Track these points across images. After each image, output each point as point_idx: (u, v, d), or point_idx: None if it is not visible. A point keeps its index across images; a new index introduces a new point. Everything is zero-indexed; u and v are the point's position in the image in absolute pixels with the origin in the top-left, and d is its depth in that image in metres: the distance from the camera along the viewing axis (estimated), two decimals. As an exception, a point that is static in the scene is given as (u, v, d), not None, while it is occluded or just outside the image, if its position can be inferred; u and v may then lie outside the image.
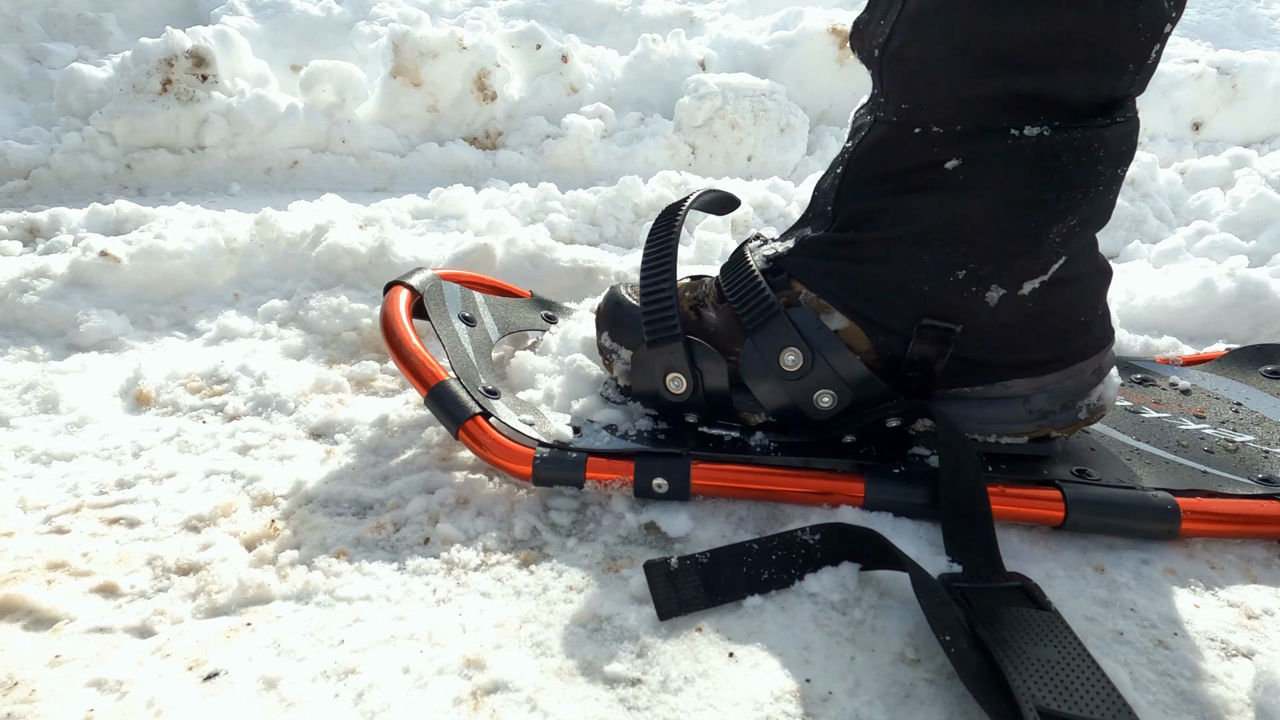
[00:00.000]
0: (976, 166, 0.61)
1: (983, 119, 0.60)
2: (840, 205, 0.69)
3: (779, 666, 0.53)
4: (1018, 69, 0.58)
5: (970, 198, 0.62)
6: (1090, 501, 0.65)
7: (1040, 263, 0.63)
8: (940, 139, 0.61)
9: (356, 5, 2.74)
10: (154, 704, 0.49)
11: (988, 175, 0.61)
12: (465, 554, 0.63)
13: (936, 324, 0.65)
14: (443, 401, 0.70)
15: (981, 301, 0.64)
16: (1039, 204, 0.61)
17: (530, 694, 0.51)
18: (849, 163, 0.68)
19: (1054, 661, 0.47)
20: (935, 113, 0.61)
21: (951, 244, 0.63)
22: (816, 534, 0.60)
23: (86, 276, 1.08)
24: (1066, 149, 0.60)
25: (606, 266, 1.14)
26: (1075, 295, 0.66)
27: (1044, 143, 0.60)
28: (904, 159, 0.63)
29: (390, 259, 1.12)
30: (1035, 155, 0.60)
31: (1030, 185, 0.61)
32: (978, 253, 0.63)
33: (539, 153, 2.14)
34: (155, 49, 1.95)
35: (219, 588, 0.59)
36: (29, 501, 0.69)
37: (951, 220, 0.62)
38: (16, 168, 1.85)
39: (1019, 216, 0.61)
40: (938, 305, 0.65)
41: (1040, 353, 0.66)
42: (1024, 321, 0.65)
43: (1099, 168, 0.61)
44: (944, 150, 0.61)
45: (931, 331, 0.65)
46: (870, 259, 0.66)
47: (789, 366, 0.67)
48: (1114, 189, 0.63)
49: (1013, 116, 0.59)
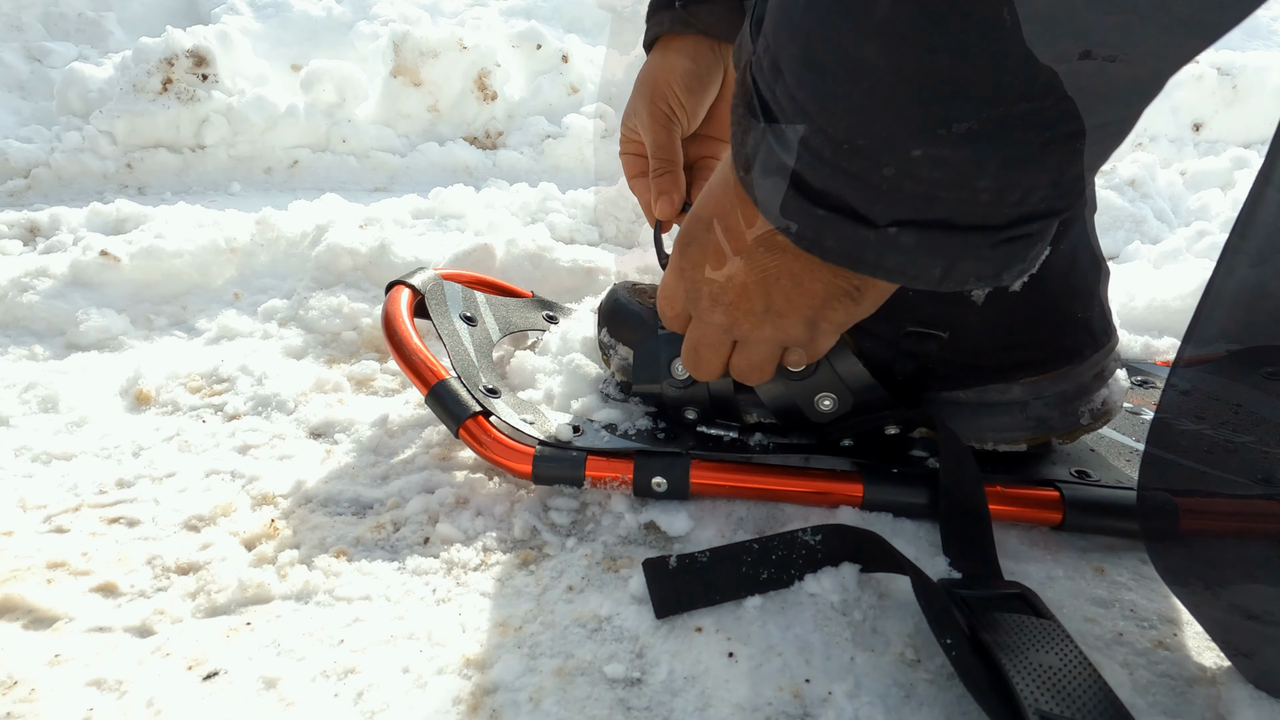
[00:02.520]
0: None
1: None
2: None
3: (779, 667, 0.53)
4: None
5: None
6: (1089, 502, 0.65)
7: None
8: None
9: (356, 5, 2.74)
10: (153, 703, 0.49)
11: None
12: (465, 554, 0.63)
13: (921, 330, 0.64)
14: (443, 400, 0.71)
15: (967, 301, 0.63)
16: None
17: (530, 694, 0.51)
18: None
19: (1055, 668, 0.47)
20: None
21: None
22: (817, 535, 0.60)
23: (86, 276, 1.08)
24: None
25: (606, 266, 1.14)
26: (1069, 288, 0.64)
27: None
28: None
29: (390, 259, 1.12)
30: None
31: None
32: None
33: (539, 153, 2.14)
34: (155, 48, 1.95)
35: (219, 587, 0.59)
36: (29, 501, 0.69)
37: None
38: (16, 167, 1.85)
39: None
40: (922, 310, 0.64)
41: (1035, 351, 0.65)
42: (1016, 319, 0.64)
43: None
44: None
45: (916, 338, 0.64)
46: None
47: (793, 366, 0.67)
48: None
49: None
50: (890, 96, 0.38)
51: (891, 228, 0.41)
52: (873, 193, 0.41)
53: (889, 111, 0.38)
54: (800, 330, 0.52)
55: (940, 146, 0.38)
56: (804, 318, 0.51)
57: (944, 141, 0.38)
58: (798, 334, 0.53)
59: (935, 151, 0.38)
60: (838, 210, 0.42)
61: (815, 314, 0.51)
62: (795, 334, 0.53)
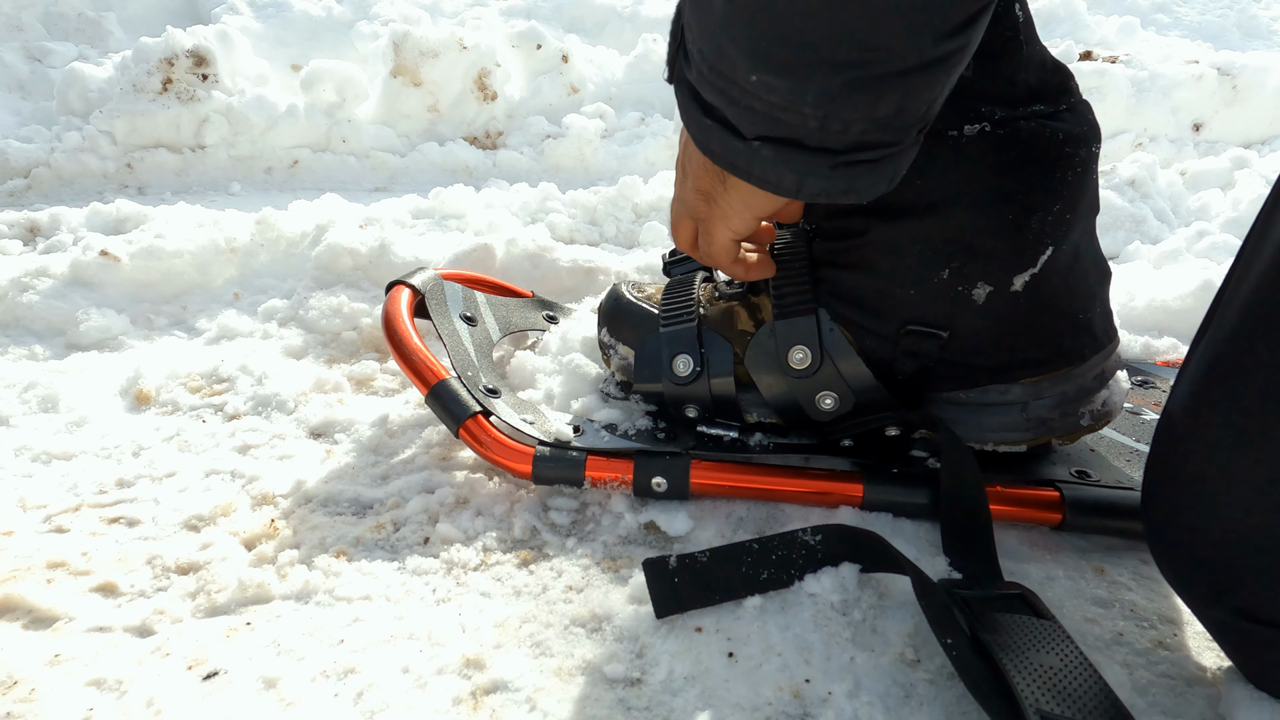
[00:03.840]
0: (926, 172, 0.59)
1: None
2: (811, 221, 0.70)
3: (779, 667, 0.53)
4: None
5: (932, 201, 0.61)
6: (1089, 503, 0.65)
7: (1026, 255, 0.62)
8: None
9: (357, 5, 2.74)
10: (153, 703, 0.49)
11: (943, 177, 0.60)
12: (465, 554, 0.63)
13: (921, 329, 0.64)
14: (443, 400, 0.71)
15: (969, 300, 0.63)
16: (1008, 196, 0.60)
17: (530, 694, 0.51)
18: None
19: (1055, 668, 0.47)
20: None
21: (931, 246, 0.62)
22: (818, 535, 0.60)
23: (86, 276, 1.08)
24: (1015, 141, 0.59)
25: (607, 266, 1.14)
26: (1071, 288, 0.64)
27: (989, 138, 0.59)
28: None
29: (390, 259, 1.12)
30: (983, 151, 0.59)
31: (990, 179, 0.60)
32: (959, 250, 0.62)
33: (539, 153, 2.14)
34: (156, 48, 1.95)
35: (219, 587, 0.59)
36: (29, 501, 0.69)
37: (922, 225, 0.62)
38: (16, 167, 1.85)
39: (989, 211, 0.61)
40: (923, 309, 0.64)
41: (1035, 351, 0.65)
42: (1017, 318, 0.64)
43: (1065, 149, 0.60)
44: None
45: (917, 337, 0.65)
46: (850, 266, 0.66)
47: (796, 364, 0.67)
48: (1090, 170, 0.62)
49: (940, 121, 0.58)
50: (728, 26, 0.45)
51: (756, 141, 0.49)
52: (736, 108, 0.48)
53: (729, 39, 0.45)
54: (699, 205, 0.61)
55: (766, 74, 0.45)
56: (701, 195, 0.60)
57: (768, 70, 0.45)
58: (737, 226, 0.60)
59: (764, 79, 0.45)
60: (719, 122, 0.50)
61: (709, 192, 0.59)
62: (736, 227, 0.60)
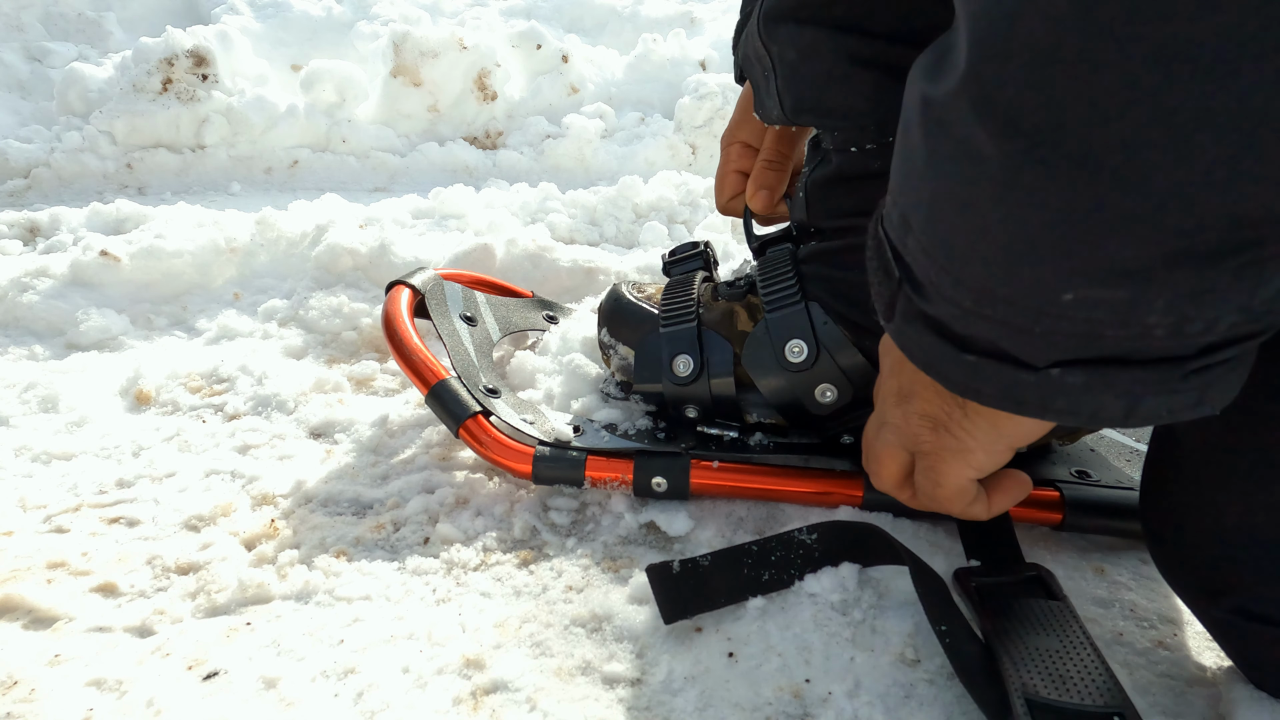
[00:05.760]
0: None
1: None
2: (813, 221, 0.70)
3: (779, 667, 0.53)
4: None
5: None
6: (1089, 502, 0.65)
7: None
8: (875, 154, 0.63)
9: (356, 5, 2.74)
10: (153, 703, 0.49)
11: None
12: (465, 554, 0.63)
13: None
14: (443, 400, 0.71)
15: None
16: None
17: (530, 694, 0.51)
18: (809, 188, 0.69)
19: (1054, 650, 0.47)
20: (863, 135, 0.63)
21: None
22: (813, 533, 0.60)
23: (86, 276, 1.08)
24: None
25: (607, 266, 1.14)
26: None
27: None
28: (852, 179, 0.65)
29: (390, 259, 1.12)
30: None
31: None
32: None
33: (539, 153, 2.14)
34: (155, 48, 1.95)
35: (219, 587, 0.59)
36: (29, 501, 0.69)
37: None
38: (16, 167, 1.85)
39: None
40: None
41: None
42: None
43: None
44: (884, 163, 0.62)
45: None
46: (848, 265, 0.66)
47: (793, 358, 0.67)
48: None
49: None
50: (1023, 248, 0.35)
51: (1054, 369, 0.37)
52: (1025, 336, 0.37)
53: (1025, 262, 0.35)
54: (982, 459, 0.49)
55: (1093, 289, 0.34)
56: (985, 446, 0.48)
57: (1095, 284, 0.34)
58: (981, 462, 0.50)
59: (1089, 294, 0.34)
60: (990, 355, 0.39)
61: (993, 439, 0.48)
62: (979, 462, 0.50)
